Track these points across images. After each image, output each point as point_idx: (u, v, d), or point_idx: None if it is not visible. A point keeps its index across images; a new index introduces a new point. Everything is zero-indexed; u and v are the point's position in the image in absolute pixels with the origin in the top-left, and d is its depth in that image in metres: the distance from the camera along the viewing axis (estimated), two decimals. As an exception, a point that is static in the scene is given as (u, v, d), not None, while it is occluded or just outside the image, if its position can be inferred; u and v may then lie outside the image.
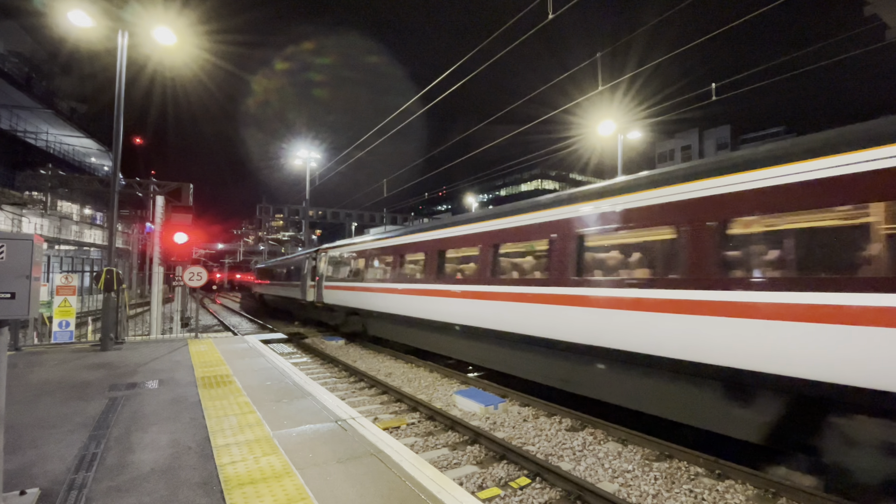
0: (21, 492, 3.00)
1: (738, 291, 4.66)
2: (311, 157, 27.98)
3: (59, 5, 8.66)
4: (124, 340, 10.13)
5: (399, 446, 3.92)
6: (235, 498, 3.00)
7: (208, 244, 74.04)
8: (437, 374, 10.23)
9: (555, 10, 9.04)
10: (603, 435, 6.37)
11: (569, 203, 7.02)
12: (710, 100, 11.87)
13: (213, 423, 4.46)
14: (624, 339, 5.79)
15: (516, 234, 7.97)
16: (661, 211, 5.58)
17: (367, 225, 33.68)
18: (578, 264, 6.60)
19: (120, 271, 9.81)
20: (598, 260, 6.55)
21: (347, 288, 14.47)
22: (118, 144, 9.29)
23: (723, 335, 4.74)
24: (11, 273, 2.67)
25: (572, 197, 7.07)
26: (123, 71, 9.24)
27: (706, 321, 4.92)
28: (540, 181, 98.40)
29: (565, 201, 7.11)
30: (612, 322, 5.94)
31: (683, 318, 5.15)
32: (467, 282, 8.92)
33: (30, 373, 6.71)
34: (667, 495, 4.66)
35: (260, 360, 7.82)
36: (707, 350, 4.88)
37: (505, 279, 7.99)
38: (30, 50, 25.95)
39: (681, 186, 5.41)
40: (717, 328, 4.80)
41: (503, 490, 4.76)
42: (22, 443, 3.93)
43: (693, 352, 5.02)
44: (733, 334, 4.65)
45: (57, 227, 27.32)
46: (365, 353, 13.05)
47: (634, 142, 20.64)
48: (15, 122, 25.64)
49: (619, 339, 5.86)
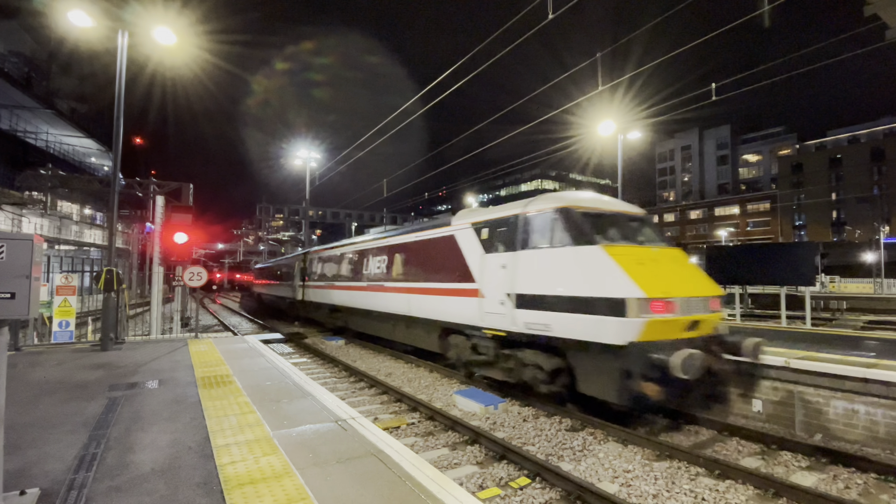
0: (21, 492, 3.00)
1: (434, 284, 9.84)
2: (311, 157, 27.93)
3: (59, 5, 8.66)
4: (124, 340, 10.13)
5: (399, 446, 3.92)
6: (235, 498, 3.00)
7: (208, 244, 74.02)
8: (437, 374, 10.23)
9: (555, 10, 9.04)
10: (603, 435, 6.37)
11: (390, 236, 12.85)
12: (710, 100, 11.87)
13: (213, 423, 4.46)
14: (402, 308, 11.18)
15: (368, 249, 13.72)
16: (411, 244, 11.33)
17: (367, 225, 33.70)
18: (391, 270, 12.02)
19: (120, 271, 9.81)
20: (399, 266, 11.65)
21: (321, 286, 17.49)
22: (118, 144, 9.28)
23: (428, 303, 10.00)
24: (11, 273, 2.66)
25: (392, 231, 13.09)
26: (123, 71, 9.23)
27: (415, 297, 10.58)
28: (540, 181, 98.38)
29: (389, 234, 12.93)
30: (390, 299, 11.73)
31: (405, 296, 11.02)
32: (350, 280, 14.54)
33: (30, 373, 6.71)
34: (667, 495, 4.66)
35: (260, 360, 7.82)
36: (426, 311, 10.12)
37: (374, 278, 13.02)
38: (30, 50, 25.92)
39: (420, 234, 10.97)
40: (426, 301, 10.10)
41: (503, 490, 4.76)
42: (22, 443, 3.93)
43: (420, 312, 10.38)
44: (419, 302, 10.37)
45: (57, 227, 27.30)
46: (365, 353, 13.05)
47: (634, 142, 20.64)
48: (15, 122, 25.62)
49: (399, 307, 11.33)
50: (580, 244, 6.67)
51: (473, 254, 8.68)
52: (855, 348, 8.04)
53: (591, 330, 6.18)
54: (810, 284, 12.02)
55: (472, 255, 8.70)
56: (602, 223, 7.13)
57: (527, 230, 7.56)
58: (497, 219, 8.31)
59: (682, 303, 6.13)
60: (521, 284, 7.34)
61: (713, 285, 6.95)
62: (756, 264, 12.55)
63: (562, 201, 7.29)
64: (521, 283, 7.34)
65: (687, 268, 7.10)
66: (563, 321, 6.56)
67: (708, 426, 6.77)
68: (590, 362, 6.47)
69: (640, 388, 5.67)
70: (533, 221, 7.51)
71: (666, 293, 6.04)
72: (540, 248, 7.24)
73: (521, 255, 7.51)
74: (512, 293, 7.47)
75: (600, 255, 6.39)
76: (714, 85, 11.70)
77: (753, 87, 14.61)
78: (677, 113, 21.34)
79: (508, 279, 7.62)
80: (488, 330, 8.11)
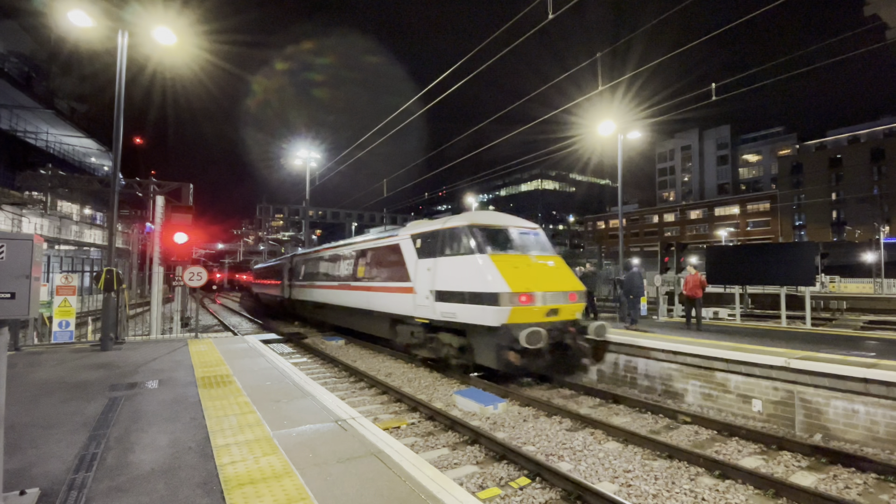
0: (21, 492, 3.00)
1: (385, 283, 11.83)
2: (311, 157, 27.90)
3: (59, 5, 8.66)
4: (124, 340, 10.13)
5: (399, 446, 3.92)
6: (235, 498, 3.00)
7: (208, 244, 73.98)
8: (437, 374, 10.23)
9: (555, 10, 9.03)
10: (603, 435, 6.37)
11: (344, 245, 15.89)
12: (710, 100, 11.86)
13: (213, 423, 4.46)
14: (364, 303, 13.06)
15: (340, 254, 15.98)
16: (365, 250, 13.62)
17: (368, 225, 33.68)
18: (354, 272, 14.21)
19: (120, 271, 9.80)
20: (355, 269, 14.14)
21: (304, 286, 19.52)
22: (118, 144, 9.28)
23: (381, 299, 11.95)
24: (11, 273, 2.66)
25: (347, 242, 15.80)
26: (123, 71, 9.23)
27: (372, 294, 12.49)
28: (540, 181, 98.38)
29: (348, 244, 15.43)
30: (355, 296, 13.64)
31: (366, 293, 12.89)
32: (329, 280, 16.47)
33: (30, 373, 6.71)
34: (667, 495, 4.66)
35: (260, 360, 7.81)
36: (380, 305, 12.06)
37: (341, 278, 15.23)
38: (30, 50, 25.89)
39: (368, 242, 13.63)
40: (380, 297, 12.00)
41: (503, 490, 4.76)
42: (22, 443, 3.93)
43: (376, 306, 12.27)
44: (375, 298, 12.27)
45: (57, 227, 27.28)
46: (365, 353, 13.05)
47: (634, 142, 20.63)
48: (15, 122, 25.60)
49: (361, 303, 13.19)
50: (475, 253, 8.84)
51: (411, 259, 10.73)
52: (855, 348, 8.04)
53: (479, 316, 8.36)
54: (810, 284, 12.02)
55: (410, 260, 10.76)
56: (496, 236, 9.28)
57: (443, 241, 9.69)
58: (427, 231, 10.39)
59: (541, 296, 8.44)
60: (439, 283, 9.45)
61: (575, 283, 9.27)
62: (756, 264, 12.55)
63: (468, 220, 9.47)
64: (439, 282, 9.45)
65: (557, 270, 9.31)
66: (464, 310, 8.71)
67: (567, 386, 9.21)
68: (480, 340, 8.62)
69: (509, 357, 7.93)
70: (447, 235, 9.63)
71: (528, 289, 8.31)
72: (450, 255, 9.37)
73: (439, 260, 9.64)
74: (433, 290, 9.58)
75: (486, 261, 8.58)
76: (714, 85, 11.68)
77: (753, 87, 14.60)
78: (677, 113, 21.34)
79: (431, 279, 9.71)
80: (419, 318, 10.22)
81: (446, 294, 9.20)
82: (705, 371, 7.81)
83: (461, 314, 8.76)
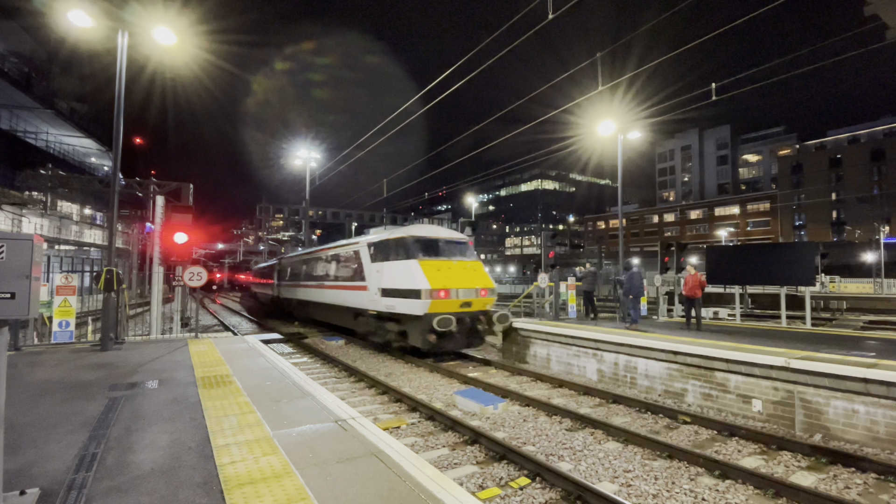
0: (21, 492, 2.99)
1: (336, 282, 15.19)
2: (311, 157, 27.90)
3: (59, 5, 8.65)
4: (124, 340, 10.13)
5: (399, 446, 3.92)
6: (235, 498, 3.00)
7: (208, 244, 73.96)
8: (437, 374, 10.23)
9: (555, 10, 9.03)
10: (603, 435, 6.37)
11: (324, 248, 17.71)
12: (710, 100, 11.85)
13: (213, 423, 4.46)
14: (334, 299, 15.20)
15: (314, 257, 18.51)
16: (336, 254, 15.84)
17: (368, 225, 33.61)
18: (326, 272, 16.53)
19: (120, 271, 9.80)
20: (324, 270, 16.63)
21: (289, 285, 21.88)
22: (118, 144, 9.28)
23: (345, 295, 14.19)
24: (11, 273, 2.66)
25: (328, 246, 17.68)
26: (123, 71, 9.23)
27: (339, 291, 14.79)
28: (540, 181, 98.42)
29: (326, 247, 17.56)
30: (328, 293, 15.77)
31: (335, 291, 15.16)
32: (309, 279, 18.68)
33: (30, 373, 6.71)
34: (667, 495, 4.66)
35: (260, 360, 7.81)
36: (345, 301, 14.21)
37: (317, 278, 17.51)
38: (30, 50, 25.88)
39: (336, 249, 16.09)
40: (345, 294, 14.26)
41: (503, 490, 4.76)
42: (22, 443, 3.93)
43: (343, 302, 14.39)
44: (342, 295, 14.56)
45: (57, 227, 27.29)
46: (365, 353, 13.05)
47: (634, 142, 20.62)
48: (15, 122, 25.61)
49: (332, 299, 15.36)
50: (407, 258, 11.33)
51: (367, 263, 12.94)
52: (855, 348, 8.04)
53: (409, 307, 10.77)
54: (810, 284, 12.01)
55: (366, 263, 12.96)
56: (427, 246, 11.78)
57: (388, 249, 12.14)
58: (378, 241, 12.73)
59: (456, 291, 10.92)
60: (384, 282, 11.73)
61: (487, 281, 11.77)
62: (756, 264, 12.54)
63: (407, 232, 12.08)
64: (384, 281, 11.73)
65: (474, 272, 11.81)
66: (400, 303, 11.07)
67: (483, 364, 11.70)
68: (411, 326, 10.99)
69: (429, 339, 10.33)
70: (392, 244, 12.06)
71: (444, 286, 10.76)
72: (393, 259, 11.77)
73: (385, 263, 11.97)
74: (380, 287, 11.84)
75: (415, 265, 11.01)
76: (714, 85, 11.67)
77: (753, 87, 14.60)
78: (677, 113, 21.36)
79: (379, 278, 11.99)
80: (371, 311, 12.54)
81: (389, 290, 11.47)
82: (705, 371, 7.81)
83: (398, 306, 11.13)
